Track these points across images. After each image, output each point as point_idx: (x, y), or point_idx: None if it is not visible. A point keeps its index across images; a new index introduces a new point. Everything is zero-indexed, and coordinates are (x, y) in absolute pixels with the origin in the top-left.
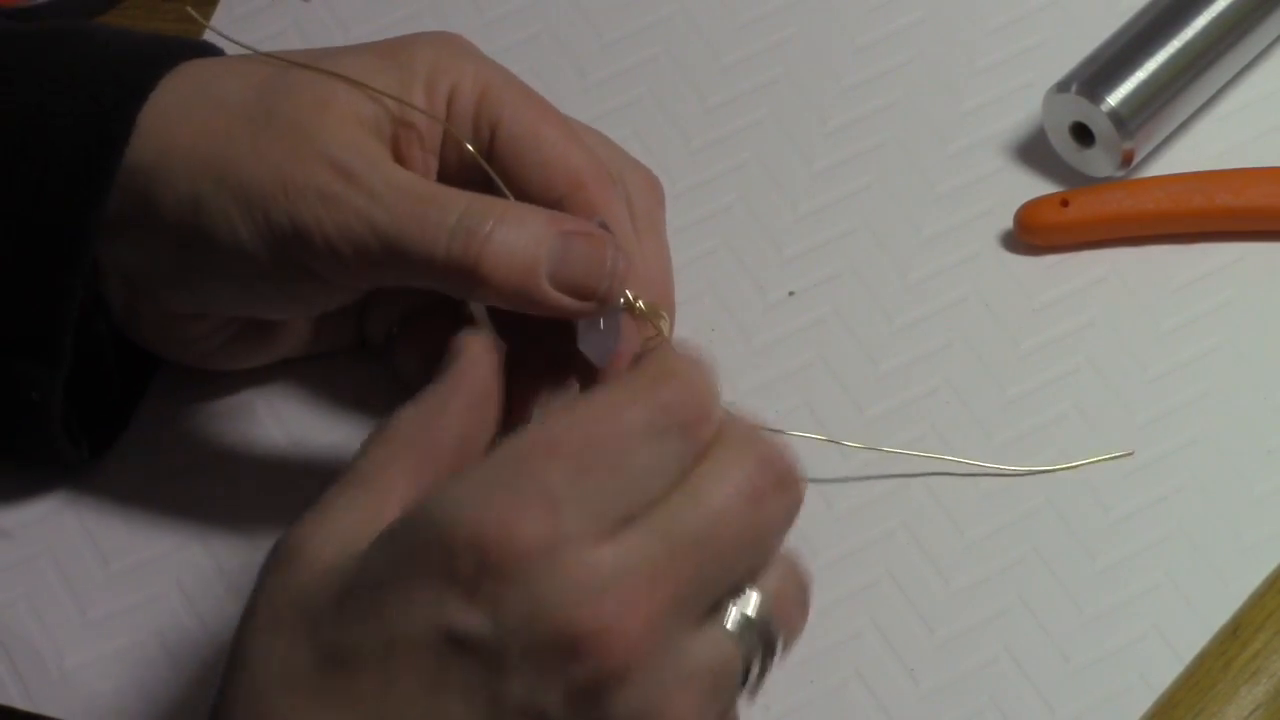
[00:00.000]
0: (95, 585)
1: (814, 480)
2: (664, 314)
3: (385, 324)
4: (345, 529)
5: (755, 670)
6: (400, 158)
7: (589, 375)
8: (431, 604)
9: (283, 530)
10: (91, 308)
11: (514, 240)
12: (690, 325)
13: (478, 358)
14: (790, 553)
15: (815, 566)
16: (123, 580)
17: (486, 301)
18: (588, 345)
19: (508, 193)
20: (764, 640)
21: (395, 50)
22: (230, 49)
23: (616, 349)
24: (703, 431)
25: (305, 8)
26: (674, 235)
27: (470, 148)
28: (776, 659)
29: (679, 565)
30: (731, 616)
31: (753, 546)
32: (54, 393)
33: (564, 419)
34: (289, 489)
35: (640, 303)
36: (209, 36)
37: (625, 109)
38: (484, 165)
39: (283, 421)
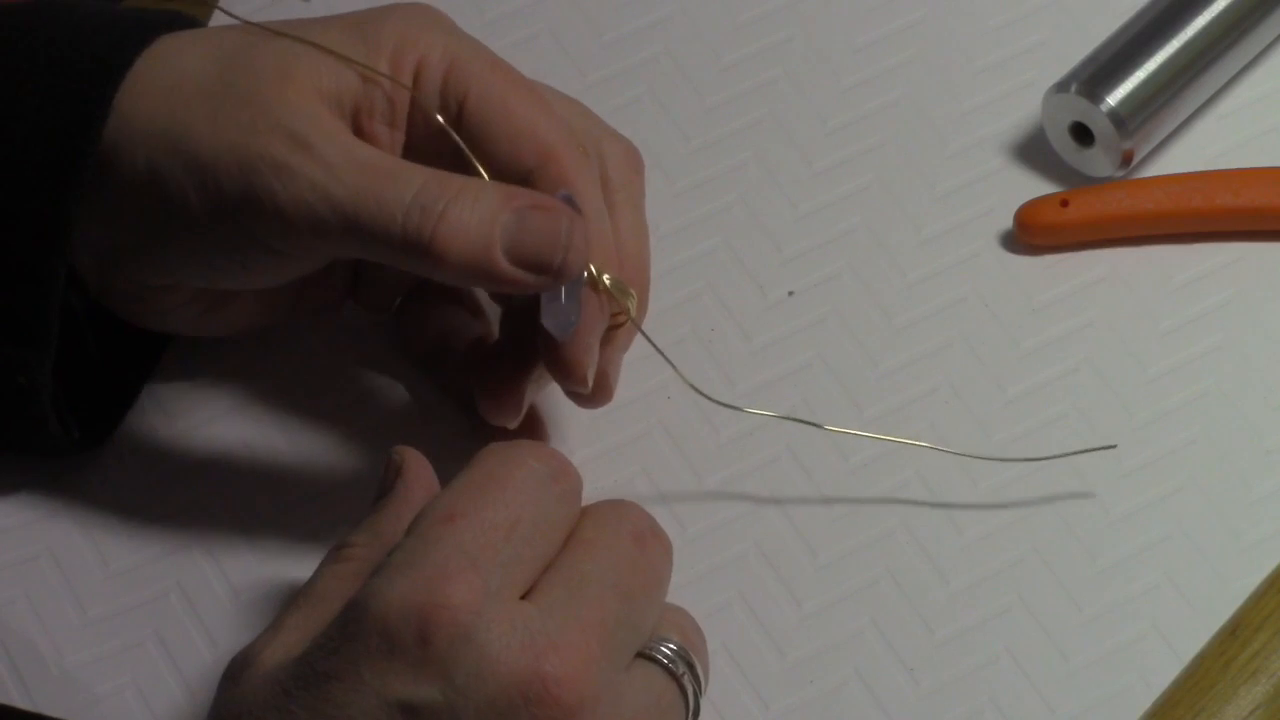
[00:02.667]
0: (95, 585)
1: (814, 481)
2: (631, 292)
3: (380, 294)
4: (295, 643)
5: (691, 698)
6: (362, 132)
7: (552, 352)
8: (379, 681)
9: (285, 540)
10: (65, 283)
11: (468, 217)
12: (690, 325)
13: (417, 471)
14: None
15: (815, 566)
16: (123, 580)
17: (444, 279)
18: (549, 319)
19: (476, 162)
20: (690, 669)
21: (363, 22)
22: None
23: (578, 323)
24: (574, 484)
25: (305, 8)
26: (674, 235)
27: (438, 117)
28: (704, 687)
29: (601, 610)
30: (660, 652)
31: (651, 586)
32: (42, 376)
33: (454, 487)
34: (289, 489)
35: (606, 278)
36: (216, 17)
37: (625, 109)
38: (450, 133)
39: (282, 421)
